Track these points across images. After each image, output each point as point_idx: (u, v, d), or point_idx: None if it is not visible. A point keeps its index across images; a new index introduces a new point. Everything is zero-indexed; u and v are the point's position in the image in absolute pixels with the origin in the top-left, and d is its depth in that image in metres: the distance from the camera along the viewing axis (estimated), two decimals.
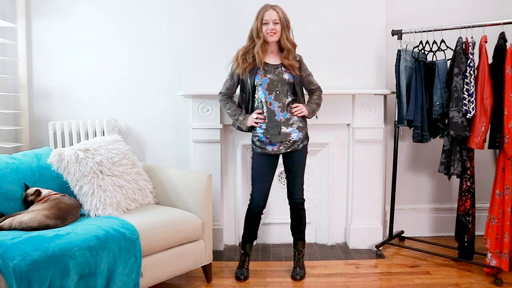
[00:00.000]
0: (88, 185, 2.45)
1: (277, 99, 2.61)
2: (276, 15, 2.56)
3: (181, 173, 2.79)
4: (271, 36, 2.57)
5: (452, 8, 3.38)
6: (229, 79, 2.74)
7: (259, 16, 2.58)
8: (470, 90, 2.70)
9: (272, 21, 2.55)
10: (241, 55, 2.64)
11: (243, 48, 2.66)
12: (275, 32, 2.57)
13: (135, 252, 2.21)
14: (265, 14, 2.56)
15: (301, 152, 2.72)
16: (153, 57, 3.44)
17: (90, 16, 3.40)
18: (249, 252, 2.85)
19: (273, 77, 2.61)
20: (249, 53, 2.63)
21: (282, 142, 2.63)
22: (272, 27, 2.56)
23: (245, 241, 2.83)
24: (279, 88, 2.61)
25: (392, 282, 2.73)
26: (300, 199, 2.80)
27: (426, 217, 3.56)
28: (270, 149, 2.64)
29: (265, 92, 2.61)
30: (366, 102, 3.22)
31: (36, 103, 3.46)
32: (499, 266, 2.70)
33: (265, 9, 2.59)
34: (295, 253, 2.87)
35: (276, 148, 2.64)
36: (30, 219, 2.14)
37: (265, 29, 2.57)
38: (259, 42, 2.58)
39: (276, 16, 2.56)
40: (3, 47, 3.34)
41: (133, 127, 3.49)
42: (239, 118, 2.68)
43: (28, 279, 1.82)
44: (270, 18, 2.55)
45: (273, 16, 2.56)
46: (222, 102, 2.76)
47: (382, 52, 3.23)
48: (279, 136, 2.61)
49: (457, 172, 2.84)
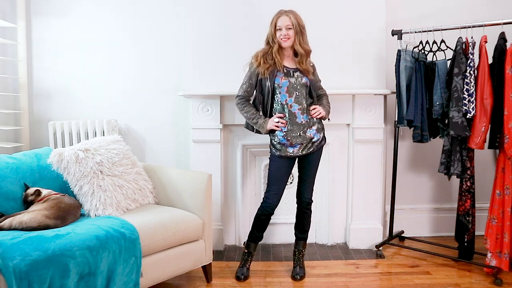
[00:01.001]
0: (88, 185, 2.45)
1: (297, 101, 2.64)
2: (288, 20, 2.59)
3: (181, 173, 2.79)
4: (284, 41, 2.61)
5: (452, 8, 3.38)
6: (247, 81, 2.73)
7: (273, 22, 2.63)
8: (470, 90, 2.70)
9: (285, 27, 2.58)
10: (261, 55, 2.66)
11: (261, 50, 2.69)
12: (289, 38, 2.60)
13: (135, 252, 2.21)
14: (278, 20, 2.60)
15: (318, 153, 2.75)
16: (154, 57, 3.44)
17: (90, 16, 3.40)
18: (253, 252, 2.85)
19: (293, 80, 2.65)
20: (269, 55, 2.66)
21: (302, 144, 2.66)
22: (285, 32, 2.59)
23: (251, 240, 2.83)
24: (299, 91, 2.64)
25: (392, 282, 2.73)
26: (309, 199, 2.82)
27: (426, 217, 3.56)
28: (291, 151, 2.66)
29: (285, 95, 2.64)
30: (366, 102, 3.22)
31: (36, 103, 3.46)
32: (499, 266, 2.70)
33: (278, 15, 2.62)
34: (295, 252, 2.88)
35: (297, 150, 2.66)
36: (30, 219, 2.14)
37: (278, 35, 2.61)
38: (275, 47, 2.63)
39: (289, 22, 2.59)
40: (3, 47, 3.34)
41: (133, 127, 3.49)
42: (259, 121, 2.68)
43: (28, 279, 1.82)
44: (283, 24, 2.59)
45: (285, 22, 2.59)
46: (240, 105, 2.74)
47: (382, 52, 3.23)
48: (300, 138, 2.64)
49: (457, 172, 2.84)
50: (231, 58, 3.20)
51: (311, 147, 2.68)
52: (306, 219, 2.85)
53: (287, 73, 2.65)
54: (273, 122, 2.65)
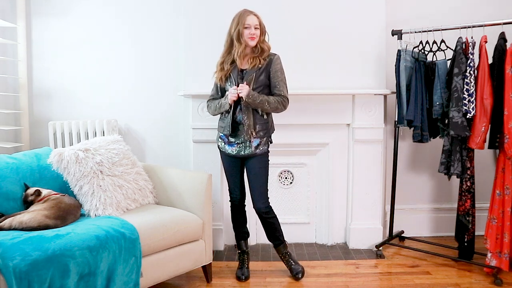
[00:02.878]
0: (88, 185, 2.45)
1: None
2: (256, 20, 2.61)
3: (181, 173, 2.79)
4: (251, 39, 2.60)
5: (452, 8, 3.37)
6: (214, 88, 2.81)
7: (241, 20, 2.60)
8: (470, 90, 2.70)
9: (254, 26, 2.59)
10: (220, 63, 2.69)
11: (220, 57, 2.71)
12: (255, 37, 2.60)
13: (135, 252, 2.21)
14: (247, 19, 2.59)
15: (259, 159, 2.67)
16: (153, 57, 3.44)
17: (90, 16, 3.41)
18: (246, 249, 2.86)
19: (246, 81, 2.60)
20: (226, 61, 2.66)
21: (239, 144, 2.65)
22: (253, 31, 2.59)
23: (239, 238, 2.86)
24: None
25: (392, 282, 2.73)
26: (262, 208, 2.70)
27: (426, 217, 3.56)
28: (229, 149, 2.69)
29: None
30: (366, 102, 3.22)
31: (36, 103, 3.46)
32: (499, 266, 2.70)
33: (247, 14, 2.61)
34: (281, 257, 2.83)
35: (234, 149, 2.66)
36: (30, 219, 2.15)
37: (246, 33, 2.59)
38: (240, 47, 2.60)
39: (257, 22, 2.61)
40: (3, 47, 3.34)
41: (133, 127, 3.49)
42: (221, 101, 2.68)
43: (28, 279, 1.82)
44: (252, 23, 2.59)
45: (254, 21, 2.60)
46: (207, 107, 2.80)
47: (382, 52, 3.23)
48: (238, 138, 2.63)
49: (457, 172, 2.84)
50: None
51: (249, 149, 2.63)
52: (271, 226, 2.77)
53: (241, 77, 2.63)
54: (230, 93, 2.59)
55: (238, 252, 2.88)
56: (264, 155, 2.68)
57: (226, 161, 2.77)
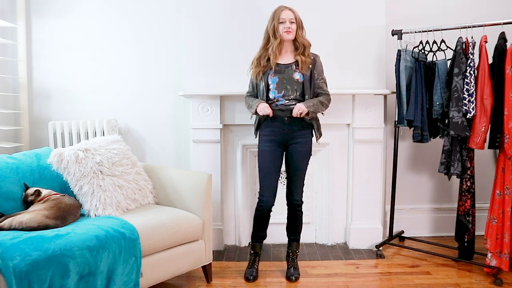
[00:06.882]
0: (88, 185, 2.45)
1: (284, 96, 2.65)
2: (292, 14, 2.65)
3: (181, 173, 2.79)
4: (287, 33, 2.63)
5: (452, 8, 3.38)
6: (250, 84, 2.83)
7: (276, 15, 2.65)
8: (470, 90, 2.70)
9: (289, 20, 2.63)
10: (256, 59, 2.73)
11: (257, 52, 2.74)
12: (291, 31, 2.63)
13: (135, 252, 2.21)
14: (282, 14, 2.64)
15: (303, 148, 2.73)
16: (153, 57, 3.44)
17: (90, 16, 3.40)
18: (259, 252, 2.85)
19: (282, 76, 2.66)
20: (263, 56, 2.70)
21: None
22: (288, 25, 2.62)
23: (256, 240, 2.84)
24: (289, 86, 2.65)
25: (392, 282, 2.73)
26: (298, 201, 2.81)
27: (426, 217, 3.56)
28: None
29: (274, 91, 2.66)
30: (366, 102, 3.22)
31: (36, 103, 3.46)
32: (499, 266, 2.70)
33: (281, 9, 2.66)
34: (289, 253, 2.86)
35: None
36: (30, 219, 2.14)
37: (281, 28, 2.63)
38: (275, 42, 2.64)
39: (292, 16, 2.64)
40: (3, 47, 3.34)
41: (133, 127, 3.49)
42: (250, 102, 2.73)
43: (28, 279, 1.82)
44: (287, 17, 2.63)
45: (289, 15, 2.64)
46: (245, 99, 2.82)
47: (382, 52, 3.23)
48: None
49: (457, 172, 2.84)
50: (231, 58, 3.20)
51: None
52: (297, 220, 2.84)
53: (278, 71, 2.67)
54: (260, 107, 2.63)
55: (251, 252, 2.86)
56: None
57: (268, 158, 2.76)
